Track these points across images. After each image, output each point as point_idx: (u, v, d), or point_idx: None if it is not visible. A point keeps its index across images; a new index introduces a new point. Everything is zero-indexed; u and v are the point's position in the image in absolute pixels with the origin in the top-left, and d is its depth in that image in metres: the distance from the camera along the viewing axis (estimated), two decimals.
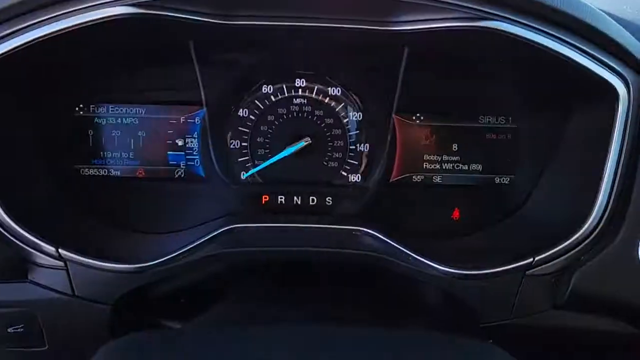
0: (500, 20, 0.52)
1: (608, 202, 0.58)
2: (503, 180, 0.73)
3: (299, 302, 0.65)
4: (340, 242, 0.64)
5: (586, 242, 0.58)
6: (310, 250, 0.62)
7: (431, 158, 0.73)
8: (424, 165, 0.73)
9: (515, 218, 0.69)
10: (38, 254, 0.57)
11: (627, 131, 0.58)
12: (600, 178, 0.58)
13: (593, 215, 0.57)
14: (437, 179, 0.73)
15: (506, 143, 0.73)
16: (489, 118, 0.73)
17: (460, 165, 0.73)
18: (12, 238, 0.56)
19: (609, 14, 0.62)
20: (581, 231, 0.57)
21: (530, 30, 0.53)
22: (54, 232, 0.57)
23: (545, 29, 0.54)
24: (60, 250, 0.56)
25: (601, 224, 0.58)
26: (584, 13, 0.53)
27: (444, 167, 0.73)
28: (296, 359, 0.39)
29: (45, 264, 0.58)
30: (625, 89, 0.57)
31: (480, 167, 0.73)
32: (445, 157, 0.73)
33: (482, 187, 0.73)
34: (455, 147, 0.73)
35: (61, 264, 0.57)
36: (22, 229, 0.56)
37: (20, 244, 0.56)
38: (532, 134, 0.71)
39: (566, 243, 0.57)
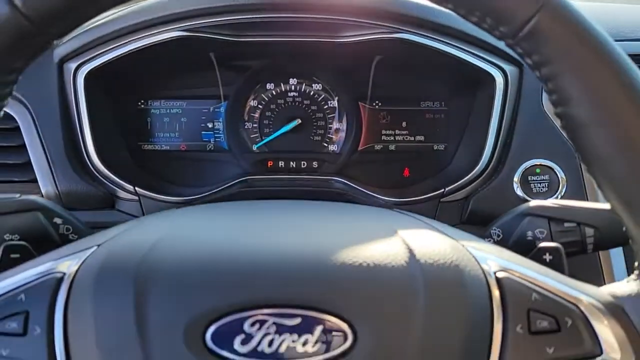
0: (407, 33, 0.81)
1: (492, 154, 0.84)
2: (439, 147, 0.99)
3: None
4: (319, 185, 0.92)
5: (478, 180, 0.84)
6: (298, 189, 0.91)
7: (387, 132, 0.99)
8: (382, 138, 0.99)
9: (444, 171, 0.97)
10: (121, 191, 0.84)
11: (506, 107, 0.84)
12: (486, 137, 0.84)
13: (481, 162, 0.83)
14: (392, 147, 0.99)
15: (441, 120, 0.98)
16: (428, 103, 0.99)
17: (409, 137, 0.99)
18: (105, 181, 0.83)
19: None
20: (473, 172, 0.84)
21: (429, 39, 0.81)
22: (131, 177, 0.85)
23: (439, 38, 0.82)
24: (136, 188, 0.85)
25: (488, 168, 0.85)
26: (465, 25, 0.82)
27: (396, 139, 0.99)
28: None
29: (125, 197, 0.84)
30: (502, 77, 0.85)
31: (423, 138, 0.99)
32: (397, 132, 0.99)
33: (424, 152, 0.98)
34: (404, 124, 0.98)
35: (136, 198, 0.83)
36: (113, 174, 0.83)
37: (111, 184, 0.83)
38: (457, 112, 0.98)
39: (464, 179, 0.85)
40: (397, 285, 0.39)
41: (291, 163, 0.99)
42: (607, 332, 0.40)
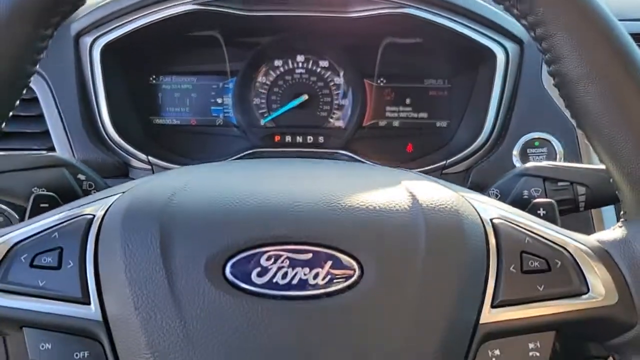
0: (413, 8, 0.84)
1: (493, 128, 0.88)
2: (442, 124, 1.03)
3: None
4: (325, 159, 0.96)
5: (479, 152, 0.88)
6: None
7: (391, 109, 1.02)
8: (386, 114, 1.02)
9: (446, 147, 1.00)
10: (134, 160, 0.87)
11: (507, 82, 0.87)
12: (486, 113, 0.88)
13: (481, 135, 0.87)
14: (396, 124, 1.02)
15: (444, 98, 1.01)
16: (431, 81, 1.02)
17: (412, 114, 1.02)
18: (119, 150, 0.87)
19: None
20: (474, 144, 0.87)
21: (433, 15, 0.84)
22: (144, 147, 0.89)
23: (443, 14, 0.85)
24: (149, 157, 0.89)
25: (489, 141, 0.88)
26: (470, 2, 0.85)
27: (400, 115, 1.02)
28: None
29: (139, 166, 0.87)
30: (503, 54, 0.88)
31: (426, 115, 1.02)
32: (401, 108, 1.02)
33: (428, 128, 1.02)
34: (408, 101, 1.01)
35: (149, 167, 0.86)
36: (127, 144, 0.86)
37: (125, 154, 0.87)
38: (460, 90, 1.01)
39: (466, 152, 0.88)
40: (400, 227, 0.42)
41: (298, 137, 1.02)
42: (593, 273, 0.43)
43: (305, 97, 1.01)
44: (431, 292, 0.41)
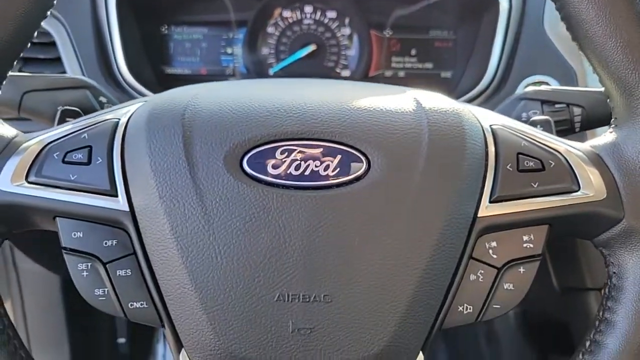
0: None
1: (496, 72, 0.91)
2: (446, 74, 1.06)
3: None
4: None
5: (483, 95, 0.92)
6: None
7: (397, 60, 1.05)
8: (392, 65, 1.05)
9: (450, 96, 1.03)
10: None
11: (509, 29, 0.91)
12: (489, 59, 0.91)
13: (484, 80, 0.90)
14: (401, 74, 1.05)
15: (448, 49, 1.04)
16: (437, 32, 1.06)
17: (418, 64, 1.05)
18: (135, 92, 0.90)
19: None
20: (478, 87, 0.91)
21: None
22: (157, 89, 0.94)
23: None
24: None
25: (492, 84, 0.92)
26: None
27: (406, 66, 1.05)
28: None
29: None
30: (507, 2, 0.91)
31: (431, 65, 1.04)
32: (406, 59, 1.06)
33: (432, 78, 1.04)
34: (413, 52, 1.04)
35: None
36: (141, 86, 0.90)
37: (137, 94, 0.90)
38: (464, 40, 1.04)
39: (468, 95, 0.91)
40: (405, 126, 0.45)
41: None
42: (585, 173, 0.46)
43: (312, 47, 1.04)
44: (432, 185, 0.44)
